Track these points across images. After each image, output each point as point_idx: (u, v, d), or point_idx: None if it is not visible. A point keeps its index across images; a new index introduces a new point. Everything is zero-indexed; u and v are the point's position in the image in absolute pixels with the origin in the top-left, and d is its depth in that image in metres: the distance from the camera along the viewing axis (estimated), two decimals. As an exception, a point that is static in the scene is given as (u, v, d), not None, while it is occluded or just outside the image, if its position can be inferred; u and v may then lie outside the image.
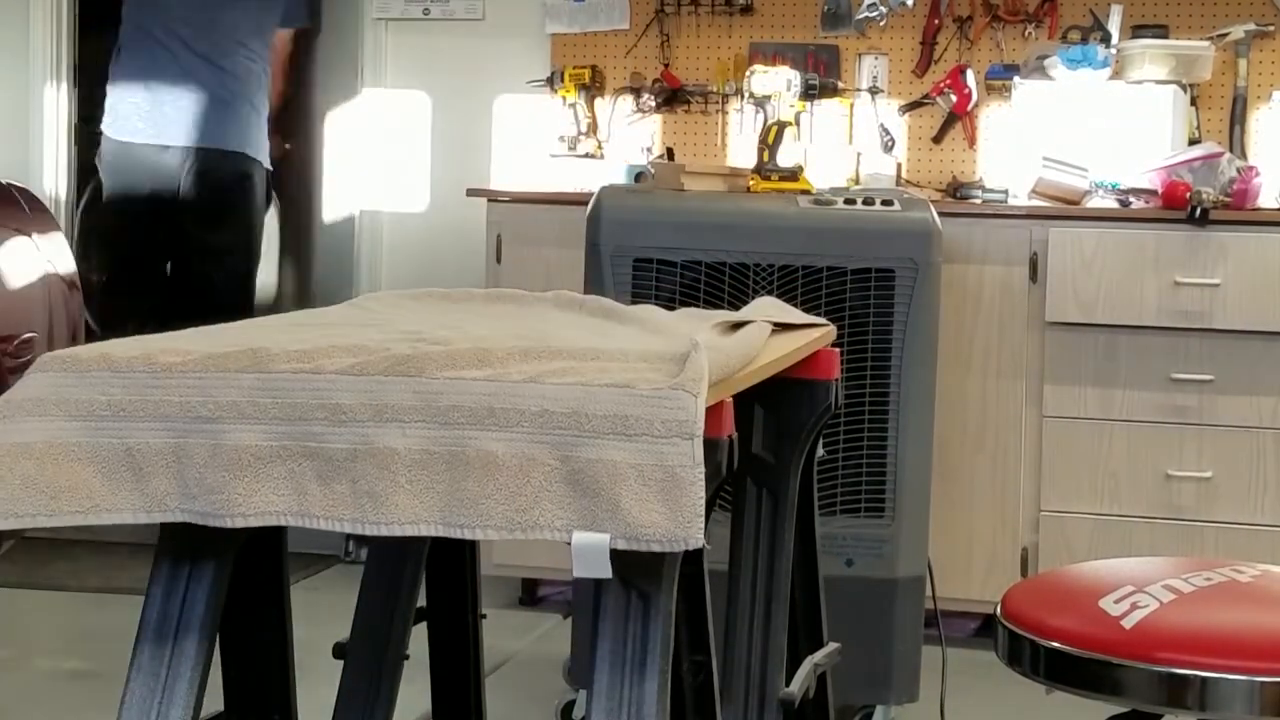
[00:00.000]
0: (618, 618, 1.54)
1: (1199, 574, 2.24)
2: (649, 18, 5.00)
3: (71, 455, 1.53)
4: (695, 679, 1.79)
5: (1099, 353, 4.15)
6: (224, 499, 1.50)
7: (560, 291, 2.27)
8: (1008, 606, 2.21)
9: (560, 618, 4.44)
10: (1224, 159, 4.22)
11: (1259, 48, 4.65)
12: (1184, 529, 4.12)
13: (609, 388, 1.48)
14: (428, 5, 5.20)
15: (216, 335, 1.75)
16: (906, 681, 3.42)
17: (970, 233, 4.18)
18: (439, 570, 2.39)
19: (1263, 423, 4.08)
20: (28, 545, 4.73)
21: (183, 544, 1.63)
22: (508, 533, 1.47)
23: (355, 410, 1.50)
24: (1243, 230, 4.08)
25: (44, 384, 1.55)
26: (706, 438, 1.46)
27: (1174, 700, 2.02)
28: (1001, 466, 4.22)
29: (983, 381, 4.21)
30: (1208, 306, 4.06)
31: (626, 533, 1.43)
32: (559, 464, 1.46)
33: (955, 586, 4.03)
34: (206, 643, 1.64)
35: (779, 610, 2.24)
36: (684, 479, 1.43)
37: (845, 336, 3.26)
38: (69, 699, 3.74)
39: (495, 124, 5.16)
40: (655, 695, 1.52)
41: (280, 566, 2.13)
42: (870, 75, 4.87)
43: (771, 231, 3.42)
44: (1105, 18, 4.66)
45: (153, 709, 1.62)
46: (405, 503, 1.48)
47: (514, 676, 3.99)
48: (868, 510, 3.38)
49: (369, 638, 2.29)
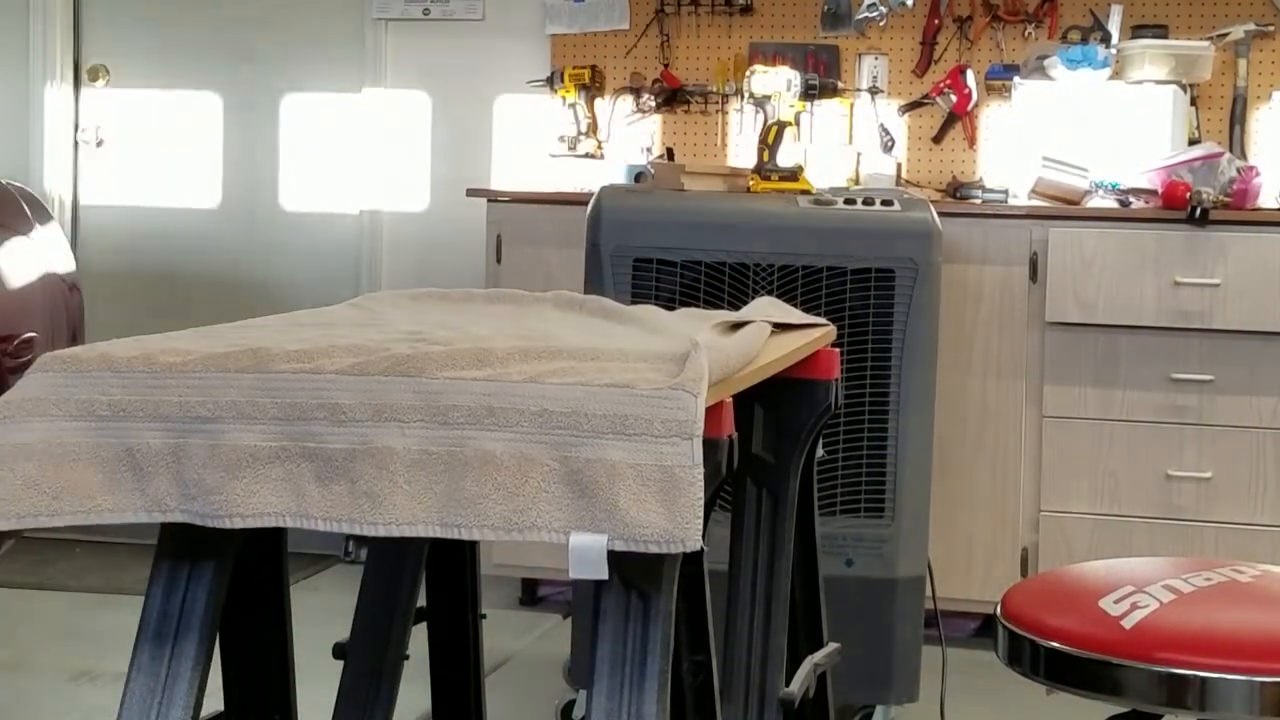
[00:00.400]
0: (617, 618, 1.54)
1: (1199, 574, 2.24)
2: (649, 18, 5.00)
3: (72, 455, 1.53)
4: (695, 679, 1.79)
5: (1099, 353, 4.15)
6: (222, 499, 1.49)
7: (560, 291, 2.27)
8: (1008, 606, 2.21)
9: (560, 618, 4.44)
10: (1224, 159, 4.22)
11: (1259, 48, 4.65)
12: (1184, 529, 4.12)
13: (609, 388, 1.48)
14: (428, 5, 5.20)
15: (216, 335, 1.75)
16: (906, 681, 3.42)
17: (970, 233, 4.18)
18: (439, 570, 2.39)
19: (1263, 423, 4.08)
20: (28, 545, 4.73)
21: (183, 544, 1.63)
22: (505, 533, 1.47)
23: (355, 410, 1.50)
24: (1243, 230, 4.08)
25: (44, 384, 1.55)
26: (706, 438, 1.46)
27: (1174, 700, 2.02)
28: (1001, 466, 4.22)
29: (983, 381, 4.21)
30: (1208, 306, 4.06)
31: (625, 533, 1.43)
32: (558, 464, 1.46)
33: (955, 586, 4.03)
34: (206, 643, 1.64)
35: (779, 610, 2.24)
36: (683, 479, 1.43)
37: (845, 336, 3.26)
38: (69, 699, 3.74)
39: (495, 124, 5.16)
40: (655, 696, 1.52)
41: (280, 566, 2.13)
42: (870, 75, 4.87)
43: (771, 231, 3.42)
44: (1105, 18, 4.66)
45: (153, 709, 1.61)
46: (403, 503, 1.48)
47: (514, 676, 3.99)
48: (868, 510, 3.38)
49: (369, 638, 2.29)
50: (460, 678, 2.44)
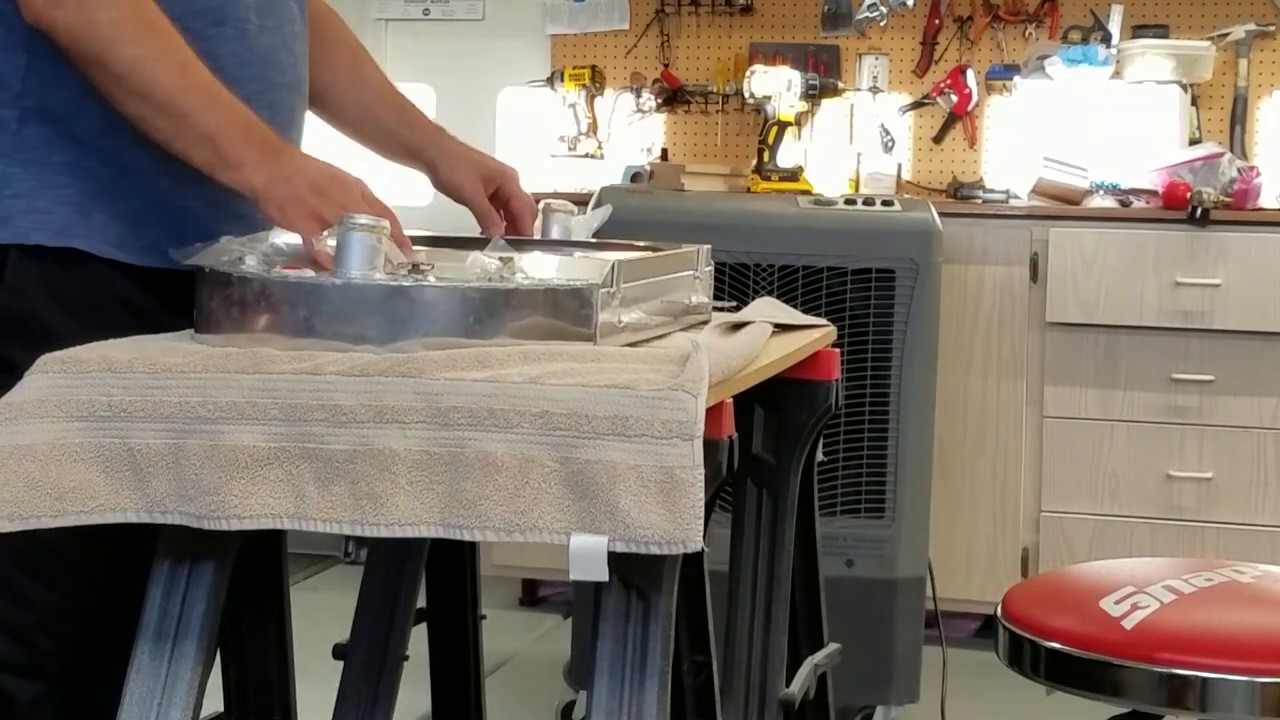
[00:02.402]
0: (618, 619, 1.54)
1: (1199, 574, 2.24)
2: (649, 18, 5.00)
3: (74, 455, 1.53)
4: (695, 680, 1.79)
5: (1099, 353, 4.15)
6: (220, 501, 1.49)
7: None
8: (1008, 607, 2.21)
9: (560, 618, 4.44)
10: (1224, 159, 4.22)
11: (1259, 48, 4.65)
12: (1184, 529, 4.12)
13: (609, 388, 1.48)
14: (428, 6, 5.20)
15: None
16: (907, 682, 3.42)
17: (970, 233, 4.18)
18: (439, 570, 2.39)
19: (1263, 423, 4.08)
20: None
21: (182, 545, 1.62)
22: (506, 534, 1.46)
23: (355, 411, 1.50)
24: (1243, 230, 4.08)
25: (44, 385, 1.55)
26: (706, 438, 1.46)
27: (1174, 701, 2.02)
28: (1001, 467, 4.22)
29: (983, 381, 4.21)
30: (1208, 306, 4.06)
31: (625, 535, 1.43)
32: (558, 465, 1.46)
33: (955, 587, 4.03)
34: (206, 643, 1.64)
35: (779, 611, 2.23)
36: (684, 480, 1.43)
37: (845, 336, 3.26)
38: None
39: (496, 124, 5.16)
40: (655, 696, 1.52)
41: (280, 567, 2.13)
42: (870, 75, 4.87)
43: (771, 231, 3.42)
44: (1105, 18, 4.66)
45: (152, 709, 1.61)
46: (405, 504, 1.48)
47: (514, 677, 3.99)
48: (868, 511, 3.38)
49: (369, 638, 2.29)
50: (460, 678, 2.44)
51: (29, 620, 1.87)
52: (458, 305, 1.60)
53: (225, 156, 1.79)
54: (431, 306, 1.60)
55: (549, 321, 1.63)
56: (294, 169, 1.79)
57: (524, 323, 1.62)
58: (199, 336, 1.70)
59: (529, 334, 1.61)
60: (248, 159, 1.78)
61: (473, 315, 1.60)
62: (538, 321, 1.62)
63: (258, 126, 1.81)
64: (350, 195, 1.78)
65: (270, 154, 1.79)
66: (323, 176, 1.80)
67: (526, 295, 1.62)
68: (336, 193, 1.78)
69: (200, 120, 1.79)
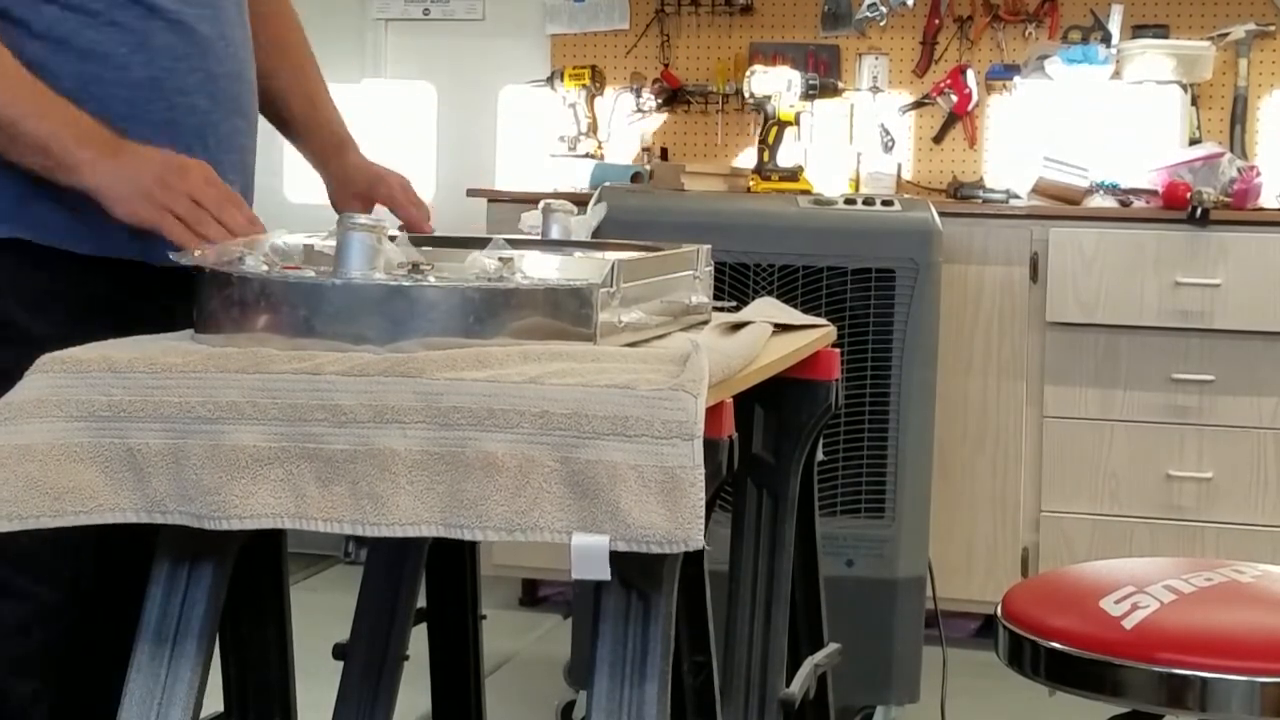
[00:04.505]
0: (618, 619, 1.54)
1: (1199, 574, 2.24)
2: (649, 18, 5.00)
3: (74, 456, 1.53)
4: (695, 680, 1.79)
5: (1099, 353, 4.15)
6: (220, 500, 1.49)
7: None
8: (1008, 607, 2.21)
9: (560, 618, 4.44)
10: (1224, 159, 4.22)
11: (1259, 48, 4.65)
12: (1184, 529, 4.12)
13: (609, 388, 1.48)
14: (428, 5, 5.20)
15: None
16: (907, 682, 3.42)
17: (970, 233, 4.18)
18: (439, 570, 2.39)
19: (1263, 423, 4.08)
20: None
21: (182, 545, 1.62)
22: (507, 534, 1.46)
23: (355, 411, 1.50)
24: (1243, 230, 4.08)
25: (44, 385, 1.55)
26: (707, 438, 1.46)
27: (1175, 701, 2.02)
28: (1001, 466, 4.22)
29: (983, 381, 4.21)
30: (1208, 306, 4.06)
31: (626, 534, 1.43)
32: (559, 465, 1.46)
33: (955, 587, 4.03)
34: (206, 643, 1.64)
35: (779, 611, 2.23)
36: (684, 480, 1.43)
37: (845, 336, 3.26)
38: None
39: (496, 124, 5.16)
40: (655, 696, 1.52)
41: (280, 567, 2.13)
42: (870, 75, 4.87)
43: (771, 231, 3.41)
44: (1105, 18, 4.66)
45: (152, 709, 1.61)
46: (405, 504, 1.48)
47: (514, 677, 3.99)
48: (868, 510, 3.38)
49: (369, 638, 2.29)
50: (460, 678, 2.44)
51: (29, 619, 1.87)
52: (458, 305, 1.60)
53: (60, 160, 1.77)
54: (431, 306, 1.60)
55: (549, 321, 1.63)
56: (133, 164, 1.77)
57: (524, 323, 1.62)
58: (199, 336, 1.70)
59: (529, 334, 1.61)
60: (83, 160, 1.76)
61: (473, 315, 1.60)
62: (538, 321, 1.62)
63: (91, 126, 1.79)
64: (193, 181, 1.77)
65: (107, 152, 1.77)
66: (163, 166, 1.78)
67: (526, 295, 1.62)
68: (178, 181, 1.76)
69: (29, 128, 1.77)
